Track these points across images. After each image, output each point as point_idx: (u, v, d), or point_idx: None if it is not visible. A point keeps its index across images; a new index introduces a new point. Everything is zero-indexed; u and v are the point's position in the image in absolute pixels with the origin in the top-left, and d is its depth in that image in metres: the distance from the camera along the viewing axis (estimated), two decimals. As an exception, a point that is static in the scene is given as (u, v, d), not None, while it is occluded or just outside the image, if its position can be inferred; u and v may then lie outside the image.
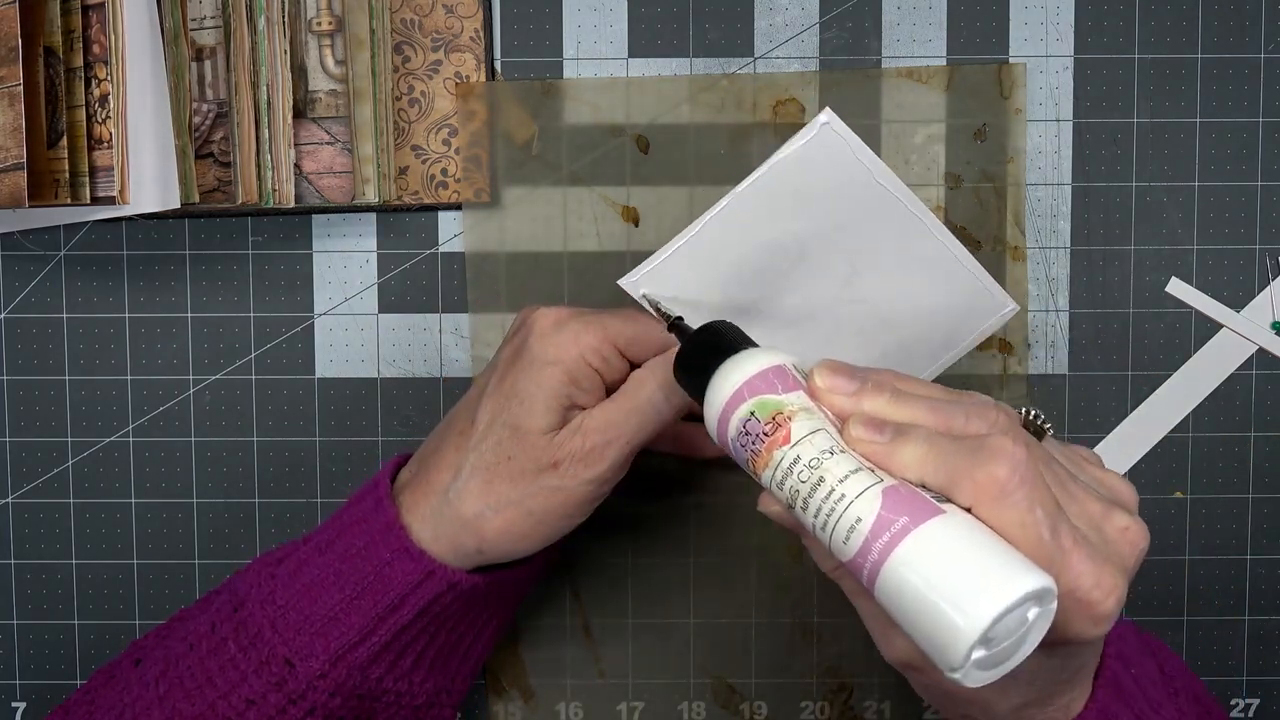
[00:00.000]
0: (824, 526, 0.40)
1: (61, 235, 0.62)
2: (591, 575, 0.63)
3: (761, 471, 0.42)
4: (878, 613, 0.43)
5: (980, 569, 0.37)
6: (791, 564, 0.63)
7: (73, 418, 0.63)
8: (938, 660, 0.38)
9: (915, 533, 0.38)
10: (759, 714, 0.63)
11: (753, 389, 0.42)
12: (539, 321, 0.51)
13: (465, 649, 0.55)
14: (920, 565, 0.38)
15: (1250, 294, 0.62)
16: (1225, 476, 0.63)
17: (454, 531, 0.51)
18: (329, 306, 0.62)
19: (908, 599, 0.38)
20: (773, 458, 0.41)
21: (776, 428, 0.41)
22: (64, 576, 0.63)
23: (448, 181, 0.62)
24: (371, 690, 0.52)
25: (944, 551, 0.38)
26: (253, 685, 0.51)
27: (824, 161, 0.50)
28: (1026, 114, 0.61)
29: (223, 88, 0.59)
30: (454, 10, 0.61)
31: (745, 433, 0.42)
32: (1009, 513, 0.39)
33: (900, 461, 0.41)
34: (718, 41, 0.61)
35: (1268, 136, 0.62)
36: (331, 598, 0.51)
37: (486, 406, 0.51)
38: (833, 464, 0.40)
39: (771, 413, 0.41)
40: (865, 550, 0.39)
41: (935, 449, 0.40)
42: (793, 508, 0.41)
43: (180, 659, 0.53)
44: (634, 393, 0.51)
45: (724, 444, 0.44)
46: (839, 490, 0.40)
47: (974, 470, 0.40)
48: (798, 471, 0.41)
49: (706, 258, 0.51)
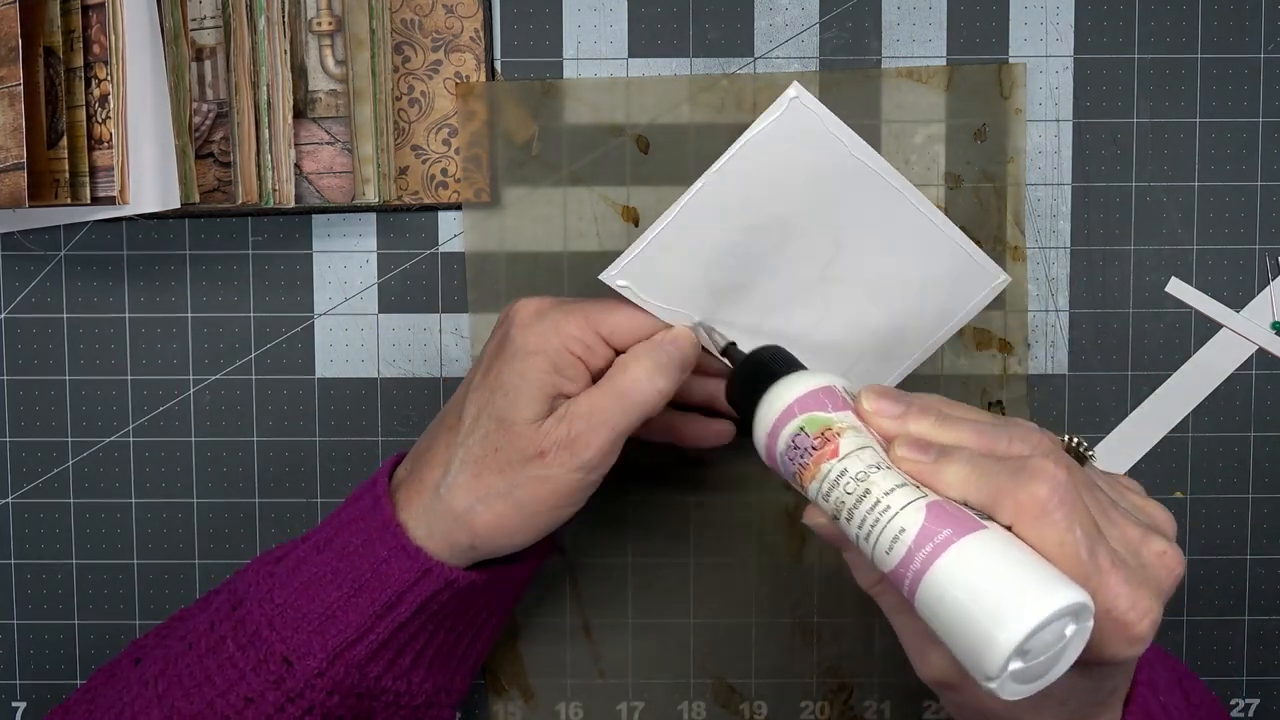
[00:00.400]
0: (867, 537, 0.41)
1: (61, 235, 0.62)
2: (592, 574, 0.63)
3: (809, 484, 0.43)
4: (916, 629, 0.44)
5: (1020, 582, 0.38)
6: (791, 564, 0.63)
7: (73, 418, 0.63)
8: (975, 670, 0.39)
9: (958, 544, 0.39)
10: (759, 714, 0.63)
11: (803, 406, 0.44)
12: (520, 312, 0.51)
13: (464, 648, 0.55)
14: (961, 576, 0.39)
15: (1250, 294, 0.62)
16: (1225, 476, 0.63)
17: (447, 527, 0.51)
18: (329, 306, 0.62)
19: (947, 609, 0.39)
20: (820, 470, 0.43)
21: (825, 442, 0.43)
22: (64, 576, 0.63)
23: (448, 181, 0.62)
24: (370, 689, 0.52)
25: (985, 564, 0.39)
26: (251, 683, 0.51)
27: (797, 138, 0.50)
28: (1026, 114, 0.61)
29: (223, 88, 0.59)
30: (454, 10, 0.61)
31: (794, 446, 0.44)
32: (1049, 531, 0.40)
33: (944, 480, 0.42)
34: (718, 41, 0.61)
35: (1268, 136, 0.62)
36: (329, 595, 0.51)
37: (473, 400, 0.51)
38: (879, 477, 0.42)
39: (820, 428, 0.43)
40: (908, 560, 0.40)
41: (978, 469, 0.42)
42: (838, 519, 0.43)
43: (179, 657, 0.53)
44: (618, 378, 0.51)
45: (772, 459, 0.46)
46: (884, 502, 0.41)
47: (1016, 490, 0.41)
48: (844, 483, 0.42)
49: (685, 244, 0.51)
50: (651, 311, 0.52)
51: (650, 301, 0.52)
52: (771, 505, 0.63)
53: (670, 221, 0.50)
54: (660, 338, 0.52)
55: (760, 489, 0.62)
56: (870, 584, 0.46)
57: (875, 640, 0.63)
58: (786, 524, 0.63)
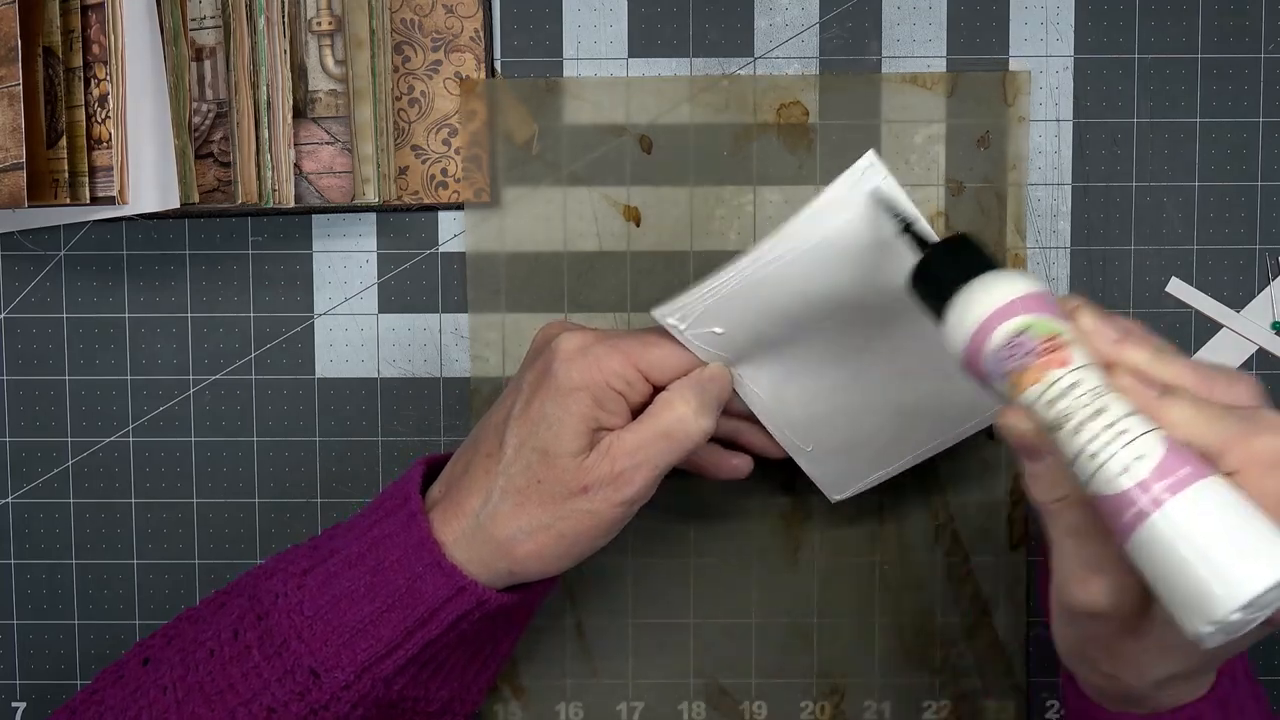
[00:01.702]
0: (1094, 455, 0.40)
1: (61, 235, 0.62)
2: (589, 574, 0.63)
3: (1027, 387, 0.42)
4: (1084, 554, 0.43)
5: (1262, 533, 0.38)
6: (788, 566, 0.63)
7: (73, 418, 0.63)
8: (1191, 610, 0.38)
9: (1199, 484, 0.39)
10: (759, 714, 0.63)
11: (1026, 306, 0.42)
12: (563, 346, 0.52)
13: (483, 660, 0.56)
14: (1201, 515, 0.38)
15: (1250, 294, 0.62)
16: (1225, 476, 0.63)
17: (487, 554, 0.51)
18: (329, 306, 0.62)
19: (1181, 545, 0.38)
20: (1046, 376, 0.41)
21: (1054, 349, 0.41)
22: (64, 576, 0.63)
23: (448, 181, 0.61)
24: (392, 701, 0.52)
25: (1226, 508, 0.39)
26: (275, 694, 0.51)
27: (866, 207, 0.49)
28: (1029, 117, 0.61)
29: (223, 88, 0.59)
30: (454, 10, 0.61)
31: (1016, 345, 0.42)
32: (1275, 484, 0.40)
33: (1168, 418, 0.41)
34: (718, 41, 0.61)
35: (1268, 136, 0.62)
36: (362, 610, 0.51)
37: (514, 430, 0.52)
38: (1113, 399, 0.40)
39: (1049, 334, 0.41)
40: (1144, 486, 0.39)
41: (1204, 413, 0.41)
42: (1057, 429, 0.41)
43: (200, 664, 0.52)
44: (661, 415, 0.51)
45: (973, 354, 0.43)
46: (1122, 424, 0.40)
47: (1248, 439, 0.40)
48: (1076, 394, 0.41)
49: (741, 298, 0.51)
50: (693, 350, 0.52)
51: (694, 343, 0.52)
52: (769, 507, 0.63)
53: (730, 276, 0.50)
54: (700, 376, 0.52)
55: (758, 488, 0.62)
56: (1050, 499, 0.44)
57: (875, 640, 0.63)
58: (783, 526, 0.63)
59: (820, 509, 0.62)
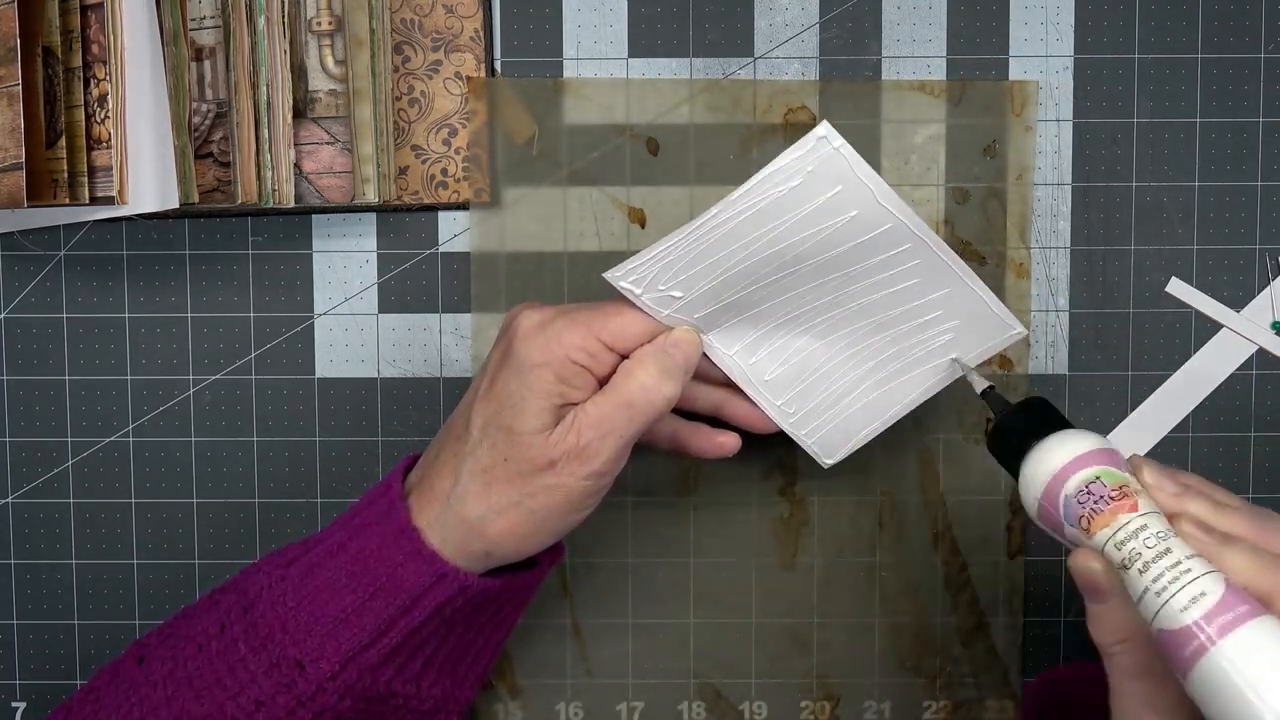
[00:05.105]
0: (1160, 591, 0.43)
1: (61, 235, 0.62)
2: (585, 574, 0.63)
3: (1098, 530, 0.46)
4: (1142, 693, 0.45)
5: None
6: (787, 568, 0.63)
7: (73, 418, 0.63)
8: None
9: (1256, 621, 0.42)
10: (758, 714, 0.63)
11: (1099, 459, 0.47)
12: (522, 324, 0.52)
13: (474, 654, 0.55)
14: (1259, 650, 0.41)
15: (1250, 294, 0.62)
16: (1225, 476, 0.63)
17: (460, 536, 0.51)
18: (329, 306, 0.62)
19: (1235, 677, 0.41)
20: (1117, 520, 0.46)
21: (1124, 496, 0.46)
22: (64, 576, 0.63)
23: (448, 181, 0.61)
24: (380, 693, 0.52)
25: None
26: (262, 686, 0.51)
27: (822, 175, 0.50)
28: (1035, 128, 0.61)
29: (222, 88, 0.59)
30: (454, 10, 0.61)
31: (1089, 491, 0.46)
32: None
33: (1227, 564, 0.44)
34: (718, 41, 0.61)
35: (1268, 136, 0.62)
36: (344, 599, 0.51)
37: (480, 411, 0.52)
38: (1176, 543, 0.44)
39: (1119, 483, 0.46)
40: (1207, 618, 0.42)
41: (1260, 560, 0.44)
42: (1126, 568, 0.45)
43: (189, 659, 0.53)
44: (623, 384, 0.51)
45: (1049, 501, 0.48)
46: (1186, 564, 0.43)
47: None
48: (1144, 537, 0.45)
49: (695, 259, 0.51)
50: (654, 316, 0.52)
51: (653, 307, 0.52)
52: (769, 509, 0.63)
53: (683, 237, 0.51)
54: (663, 341, 0.52)
55: (756, 492, 0.62)
56: (1113, 641, 0.46)
57: (875, 641, 0.63)
58: (781, 528, 0.63)
59: (819, 512, 0.62)
